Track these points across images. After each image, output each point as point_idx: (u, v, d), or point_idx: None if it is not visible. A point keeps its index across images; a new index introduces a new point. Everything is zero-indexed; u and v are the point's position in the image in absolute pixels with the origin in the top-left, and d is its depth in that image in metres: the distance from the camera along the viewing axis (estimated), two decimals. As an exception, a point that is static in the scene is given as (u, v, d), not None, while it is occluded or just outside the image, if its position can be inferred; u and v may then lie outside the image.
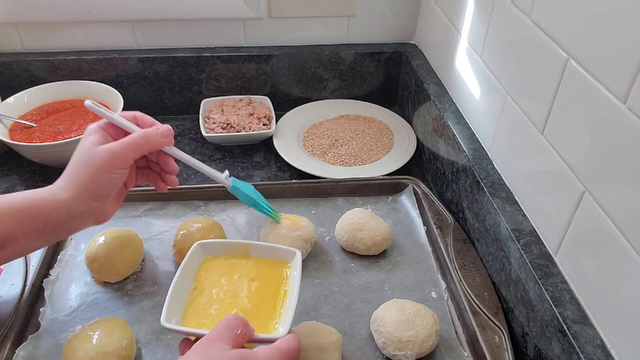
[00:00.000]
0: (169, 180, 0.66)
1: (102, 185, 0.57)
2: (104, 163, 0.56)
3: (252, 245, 0.66)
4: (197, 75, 1.07)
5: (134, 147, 0.58)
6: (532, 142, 0.65)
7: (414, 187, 0.86)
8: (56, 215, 0.55)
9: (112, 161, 0.57)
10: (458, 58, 0.88)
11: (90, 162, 0.56)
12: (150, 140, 0.60)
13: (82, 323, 0.65)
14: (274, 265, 0.65)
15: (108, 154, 0.57)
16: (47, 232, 0.56)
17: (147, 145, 0.60)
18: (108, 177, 0.57)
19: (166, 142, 0.62)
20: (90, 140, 0.58)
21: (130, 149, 0.58)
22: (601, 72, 0.51)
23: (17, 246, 0.54)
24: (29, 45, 1.03)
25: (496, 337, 0.63)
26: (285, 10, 1.04)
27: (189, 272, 0.63)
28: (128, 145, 0.58)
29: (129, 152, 0.58)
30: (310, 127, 1.04)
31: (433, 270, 0.74)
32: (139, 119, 0.63)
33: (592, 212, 0.53)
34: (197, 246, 0.65)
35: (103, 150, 0.57)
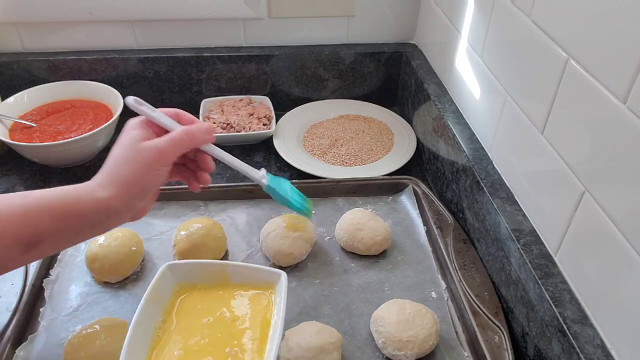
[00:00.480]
0: (202, 178, 0.63)
1: (146, 183, 0.54)
2: (150, 160, 0.54)
3: (229, 266, 0.62)
4: (197, 75, 1.07)
5: (180, 144, 0.57)
6: (532, 142, 0.65)
7: (414, 187, 0.86)
8: (94, 214, 0.52)
9: (158, 158, 0.54)
10: (458, 58, 0.88)
11: (136, 159, 0.53)
12: (194, 137, 0.58)
13: (82, 323, 0.65)
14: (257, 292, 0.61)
15: (155, 150, 0.54)
16: (83, 231, 0.53)
17: (192, 142, 0.58)
18: (153, 174, 0.54)
19: (209, 139, 0.60)
20: (133, 136, 0.55)
21: (176, 145, 0.56)
22: (601, 72, 0.51)
23: (50, 245, 0.51)
24: (29, 45, 1.03)
25: (496, 337, 0.63)
26: (285, 10, 1.04)
27: (157, 301, 0.58)
28: (174, 142, 0.56)
29: (174, 148, 0.56)
30: (310, 127, 1.05)
31: (433, 270, 0.74)
32: (180, 115, 0.61)
33: (592, 212, 0.53)
34: (166, 269, 0.61)
35: (149, 146, 0.54)
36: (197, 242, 0.71)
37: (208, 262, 0.63)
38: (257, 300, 0.61)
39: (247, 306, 0.60)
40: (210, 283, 0.62)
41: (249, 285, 0.61)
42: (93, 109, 0.97)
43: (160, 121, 0.58)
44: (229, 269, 0.62)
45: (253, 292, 0.61)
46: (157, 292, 0.59)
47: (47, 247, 0.51)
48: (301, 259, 0.74)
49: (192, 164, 0.64)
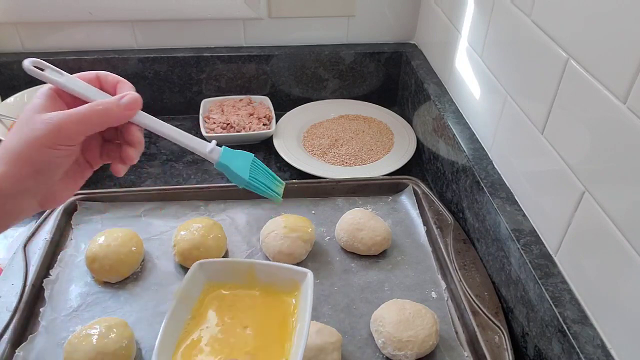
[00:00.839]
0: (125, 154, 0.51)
1: (38, 162, 0.45)
2: (43, 135, 0.45)
3: (257, 265, 0.62)
4: (197, 75, 1.07)
5: (86, 121, 0.46)
6: (532, 142, 0.65)
7: (414, 187, 0.86)
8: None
9: (54, 135, 0.45)
10: (458, 58, 0.88)
11: (27, 133, 0.45)
12: (109, 114, 0.47)
13: (82, 323, 0.65)
14: (282, 293, 0.61)
15: (50, 125, 0.45)
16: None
17: (104, 119, 0.47)
18: (48, 153, 0.45)
19: (130, 115, 0.49)
20: (32, 106, 0.46)
21: (80, 122, 0.46)
22: (601, 72, 0.51)
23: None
24: (29, 45, 1.03)
25: (496, 337, 0.63)
26: (285, 10, 1.04)
27: (187, 300, 0.59)
28: (78, 118, 0.46)
29: (78, 126, 0.46)
30: (310, 127, 1.04)
31: (433, 270, 0.74)
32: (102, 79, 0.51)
33: (592, 212, 0.53)
34: (197, 267, 0.61)
35: (45, 119, 0.45)
36: (197, 242, 0.71)
37: (237, 261, 0.63)
38: (283, 299, 0.61)
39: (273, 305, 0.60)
40: (237, 281, 0.62)
41: (275, 284, 0.61)
42: (93, 109, 0.97)
43: (69, 88, 0.48)
44: (256, 267, 0.61)
45: (279, 292, 0.61)
46: (188, 291, 0.59)
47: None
48: (301, 259, 0.74)
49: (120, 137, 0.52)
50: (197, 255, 0.71)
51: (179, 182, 0.92)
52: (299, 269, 0.61)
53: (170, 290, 0.70)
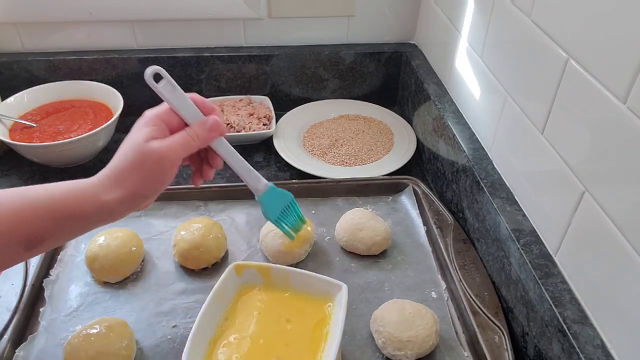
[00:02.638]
0: (206, 173, 0.61)
1: (152, 188, 0.54)
2: (156, 167, 0.52)
3: (294, 273, 0.63)
4: (197, 75, 1.07)
5: (184, 147, 0.55)
6: (532, 142, 0.65)
7: (414, 187, 0.86)
8: (97, 215, 0.51)
9: (164, 165, 0.53)
10: (458, 58, 0.88)
11: (141, 164, 0.52)
12: (199, 138, 0.56)
13: (82, 323, 0.65)
14: (316, 302, 0.61)
15: (161, 157, 0.52)
16: (84, 229, 0.53)
17: (197, 143, 0.56)
18: (159, 179, 0.53)
19: (215, 136, 0.57)
20: (143, 135, 0.53)
21: (180, 149, 0.54)
22: (601, 72, 0.51)
23: (52, 242, 0.51)
24: (29, 45, 1.03)
25: (496, 337, 0.63)
26: (285, 10, 1.04)
27: (221, 301, 0.60)
28: (178, 146, 0.54)
29: (179, 153, 0.54)
30: (310, 127, 1.04)
31: (433, 270, 0.74)
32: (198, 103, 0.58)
33: (592, 212, 0.53)
34: (232, 270, 0.61)
35: (156, 152, 0.52)
36: (197, 242, 0.71)
37: (274, 267, 0.63)
38: (316, 310, 0.61)
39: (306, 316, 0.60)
40: (272, 287, 0.63)
41: (309, 293, 0.62)
42: (93, 109, 0.97)
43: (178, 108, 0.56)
44: (292, 274, 0.62)
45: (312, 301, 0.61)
46: (222, 292, 0.59)
47: (48, 245, 0.51)
48: (301, 258, 0.74)
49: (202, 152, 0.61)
50: (197, 255, 0.71)
51: (179, 182, 0.92)
52: (334, 282, 0.61)
53: (170, 290, 0.70)
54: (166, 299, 0.69)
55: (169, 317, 0.67)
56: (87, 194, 0.51)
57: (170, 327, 0.65)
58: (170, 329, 0.65)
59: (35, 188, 0.51)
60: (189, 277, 0.72)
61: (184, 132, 0.55)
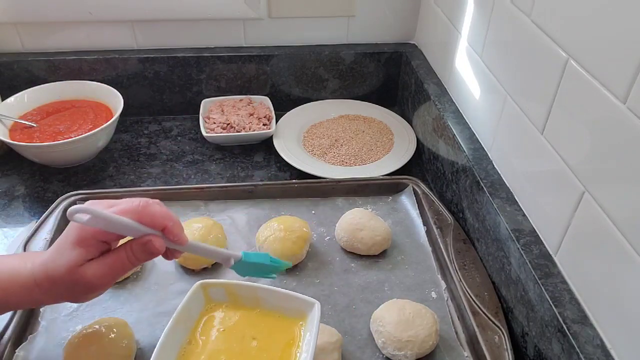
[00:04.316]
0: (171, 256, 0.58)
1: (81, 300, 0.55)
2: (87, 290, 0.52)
3: (262, 290, 0.59)
4: (197, 75, 1.07)
5: (121, 270, 0.52)
6: (532, 142, 0.65)
7: (414, 187, 0.86)
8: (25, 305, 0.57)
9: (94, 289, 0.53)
10: (458, 58, 0.88)
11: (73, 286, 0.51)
12: (138, 260, 0.53)
13: (82, 323, 0.65)
14: (286, 321, 0.58)
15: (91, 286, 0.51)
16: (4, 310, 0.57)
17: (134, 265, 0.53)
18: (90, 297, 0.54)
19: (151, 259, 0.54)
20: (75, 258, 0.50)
21: (115, 274, 0.53)
22: (601, 72, 0.51)
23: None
24: (29, 45, 1.03)
25: (496, 337, 0.63)
26: (285, 10, 1.04)
27: (185, 321, 0.57)
28: (113, 272, 0.52)
29: (114, 277, 0.53)
30: (310, 127, 1.05)
31: (433, 270, 0.74)
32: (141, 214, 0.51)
33: (592, 212, 0.53)
34: (198, 288, 0.59)
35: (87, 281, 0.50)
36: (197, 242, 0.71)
37: (241, 284, 0.60)
38: (286, 329, 0.58)
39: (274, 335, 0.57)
40: (240, 304, 0.60)
41: (279, 311, 0.59)
42: (93, 109, 0.97)
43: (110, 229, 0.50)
44: (260, 292, 0.59)
45: (283, 319, 0.58)
46: (187, 312, 0.57)
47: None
48: (301, 258, 0.74)
49: None
50: (197, 255, 0.71)
51: (179, 182, 0.92)
52: (306, 299, 0.58)
53: (170, 290, 0.70)
54: (166, 299, 0.69)
55: (169, 317, 0.66)
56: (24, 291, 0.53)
57: (170, 327, 0.65)
58: (170, 329, 0.65)
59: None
60: (189, 277, 0.72)
61: (122, 253, 0.52)
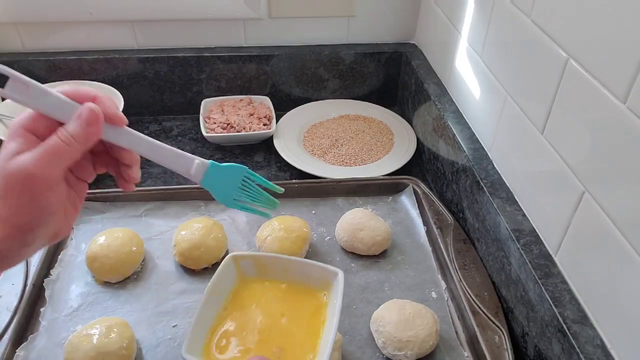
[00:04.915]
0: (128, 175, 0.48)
1: (32, 215, 0.41)
2: (25, 188, 0.40)
3: (291, 261, 0.63)
4: (197, 75, 1.07)
5: (58, 155, 0.42)
6: (532, 142, 0.65)
7: (414, 187, 0.86)
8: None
9: (34, 183, 0.40)
10: (458, 58, 0.88)
11: (7, 189, 0.40)
12: (76, 139, 0.42)
13: (82, 323, 0.65)
14: (312, 289, 0.62)
15: (26, 175, 0.40)
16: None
17: (76, 146, 0.42)
18: (36, 203, 0.41)
19: (96, 131, 0.44)
20: (4, 153, 0.41)
21: (53, 159, 0.41)
22: (601, 72, 0.51)
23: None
24: (29, 45, 1.03)
25: (496, 337, 0.63)
26: (285, 10, 1.04)
27: (220, 291, 0.60)
28: (49, 156, 0.41)
29: (53, 164, 0.41)
30: (311, 127, 1.05)
31: (433, 270, 0.74)
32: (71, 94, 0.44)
33: (592, 212, 0.53)
34: (230, 260, 0.62)
35: (19, 170, 0.40)
36: (198, 242, 0.71)
37: (271, 256, 0.64)
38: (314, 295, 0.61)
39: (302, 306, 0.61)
40: (270, 277, 0.63)
41: (305, 282, 0.62)
42: (93, 109, 0.97)
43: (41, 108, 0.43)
44: (290, 264, 0.62)
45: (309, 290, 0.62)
46: (220, 283, 0.60)
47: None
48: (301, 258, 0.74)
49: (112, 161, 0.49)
50: (197, 255, 0.71)
51: (179, 182, 0.92)
52: (330, 268, 0.61)
53: (170, 290, 0.70)
54: (167, 299, 0.69)
55: (169, 317, 0.67)
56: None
57: (171, 327, 0.65)
58: (170, 329, 0.65)
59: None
60: (189, 277, 0.72)
61: (54, 136, 0.42)
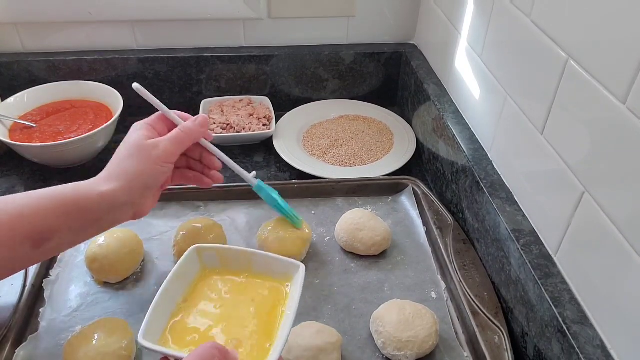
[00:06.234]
0: (215, 177, 0.67)
1: (149, 178, 0.58)
2: (154, 156, 0.57)
3: (254, 254, 0.63)
4: (197, 76, 1.07)
5: (179, 140, 0.60)
6: (532, 142, 0.65)
7: (413, 187, 0.86)
8: (98, 207, 0.54)
9: (161, 154, 0.58)
10: (458, 58, 0.88)
11: (140, 155, 0.57)
12: (191, 133, 0.62)
13: (82, 323, 0.65)
14: (274, 281, 0.62)
15: (158, 147, 0.58)
16: (89, 225, 0.55)
17: (190, 138, 0.62)
18: (156, 170, 0.58)
19: (204, 132, 0.64)
20: (139, 135, 0.59)
21: (178, 143, 0.60)
22: (601, 72, 0.51)
23: (59, 240, 0.53)
24: (29, 45, 1.03)
25: (496, 338, 0.63)
26: (285, 10, 1.04)
27: (181, 281, 0.60)
28: (176, 140, 0.60)
29: (177, 146, 0.60)
30: (310, 128, 1.05)
31: (433, 271, 0.74)
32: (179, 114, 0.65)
33: (592, 212, 0.53)
34: (193, 252, 0.62)
35: (153, 143, 0.58)
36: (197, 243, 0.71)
37: (234, 249, 0.64)
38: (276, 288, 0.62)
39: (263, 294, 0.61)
40: (232, 268, 0.63)
41: (269, 274, 0.62)
42: (93, 109, 0.97)
43: (166, 111, 0.63)
44: (252, 256, 0.63)
45: (272, 281, 0.62)
46: (183, 273, 0.60)
47: (55, 243, 0.53)
48: (301, 259, 0.74)
49: (197, 165, 0.68)
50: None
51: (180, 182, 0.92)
52: (292, 262, 0.61)
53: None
54: (166, 299, 0.69)
55: (168, 318, 0.66)
56: (87, 186, 0.54)
57: (170, 328, 0.65)
58: (170, 329, 0.65)
59: (36, 190, 0.53)
60: (188, 278, 0.72)
61: (176, 129, 0.61)
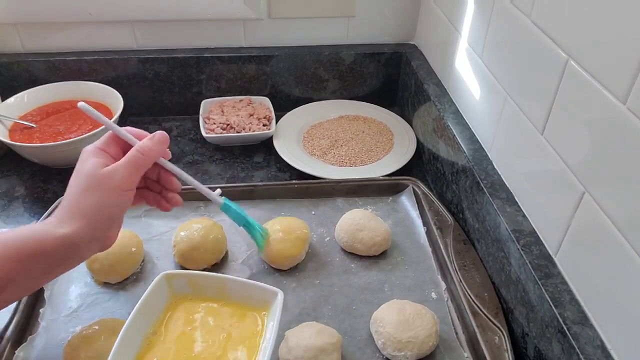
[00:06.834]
0: (173, 200, 0.62)
1: (112, 211, 0.53)
2: (112, 186, 0.52)
3: (228, 280, 0.60)
4: (197, 76, 1.07)
5: (136, 164, 0.54)
6: (532, 143, 0.65)
7: (414, 187, 0.86)
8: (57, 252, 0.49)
9: (119, 183, 0.52)
10: (458, 58, 0.88)
11: (97, 187, 0.52)
12: (149, 152, 0.55)
13: (81, 324, 0.65)
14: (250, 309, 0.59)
15: (116, 176, 0.52)
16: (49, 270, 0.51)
17: (148, 158, 0.56)
18: (118, 200, 0.53)
19: (164, 149, 0.58)
20: (92, 164, 0.53)
21: (134, 166, 0.54)
22: (601, 72, 0.51)
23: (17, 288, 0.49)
24: (29, 45, 1.03)
25: (496, 338, 0.63)
26: (285, 10, 1.04)
27: (149, 312, 0.57)
28: (131, 164, 0.54)
29: (133, 170, 0.54)
30: (310, 128, 1.04)
31: (433, 271, 0.74)
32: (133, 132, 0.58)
33: (592, 213, 0.53)
34: (162, 279, 0.59)
35: (110, 172, 0.53)
36: (197, 243, 0.71)
37: (207, 275, 0.61)
38: (251, 319, 0.59)
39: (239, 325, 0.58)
40: (206, 295, 0.61)
41: (244, 302, 0.60)
42: (93, 110, 0.97)
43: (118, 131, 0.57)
44: (227, 283, 0.60)
45: (248, 309, 0.60)
46: (151, 303, 0.57)
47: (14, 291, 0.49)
48: (301, 259, 0.74)
49: (155, 186, 0.62)
50: (197, 256, 0.71)
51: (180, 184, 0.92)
52: (270, 289, 0.59)
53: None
54: (166, 300, 0.69)
55: (168, 318, 0.66)
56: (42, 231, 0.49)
57: (170, 328, 0.65)
58: (170, 330, 0.65)
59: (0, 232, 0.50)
60: (188, 278, 0.72)
61: (132, 150, 0.55)
